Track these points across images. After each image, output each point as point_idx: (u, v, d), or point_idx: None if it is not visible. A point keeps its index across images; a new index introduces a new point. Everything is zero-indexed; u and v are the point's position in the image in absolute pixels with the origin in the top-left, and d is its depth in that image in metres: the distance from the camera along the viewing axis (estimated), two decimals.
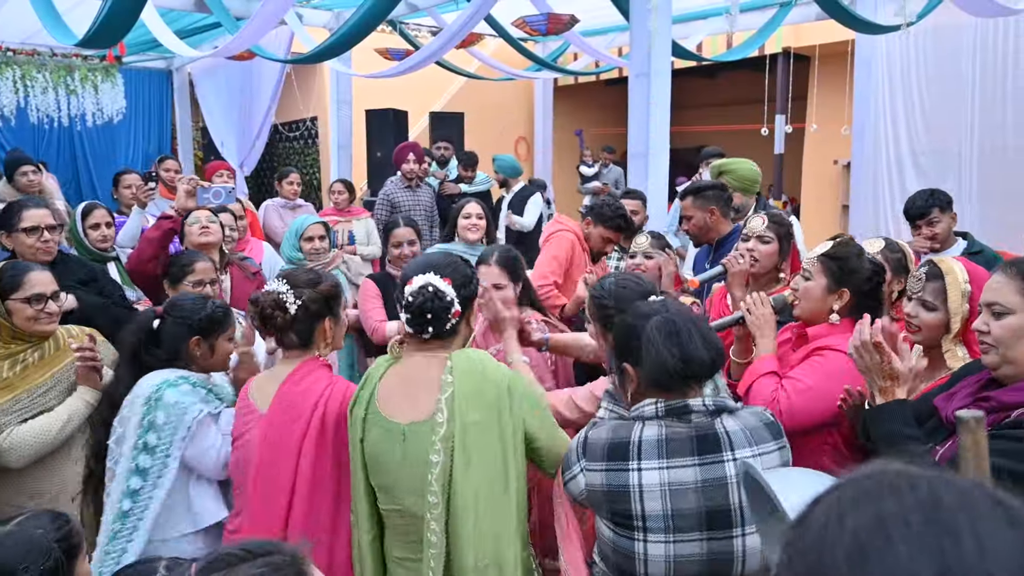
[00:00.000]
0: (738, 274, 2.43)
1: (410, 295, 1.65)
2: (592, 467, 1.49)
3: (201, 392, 2.05)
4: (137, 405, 1.96)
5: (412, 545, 1.64)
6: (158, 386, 1.97)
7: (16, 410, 2.14)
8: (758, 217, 2.52)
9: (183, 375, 2.04)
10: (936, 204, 3.15)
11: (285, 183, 5.45)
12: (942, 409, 1.44)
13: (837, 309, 1.91)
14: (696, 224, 3.17)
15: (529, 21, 5.06)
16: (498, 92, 9.55)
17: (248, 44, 5.09)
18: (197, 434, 1.97)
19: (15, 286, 2.18)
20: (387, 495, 1.67)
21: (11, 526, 1.28)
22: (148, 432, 1.92)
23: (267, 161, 9.74)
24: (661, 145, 4.29)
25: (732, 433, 1.45)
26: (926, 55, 6.30)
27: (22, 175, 4.47)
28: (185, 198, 2.91)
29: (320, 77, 8.76)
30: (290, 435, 1.80)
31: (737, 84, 9.82)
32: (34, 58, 7.85)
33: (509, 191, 6.11)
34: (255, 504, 1.81)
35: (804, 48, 8.03)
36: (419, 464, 1.58)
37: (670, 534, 1.41)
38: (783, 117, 8.10)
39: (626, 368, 1.53)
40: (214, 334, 2.12)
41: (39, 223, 2.77)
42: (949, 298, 1.70)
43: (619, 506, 1.45)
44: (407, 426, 1.63)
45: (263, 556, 0.85)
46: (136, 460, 1.92)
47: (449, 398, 1.59)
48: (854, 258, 1.93)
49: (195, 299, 2.17)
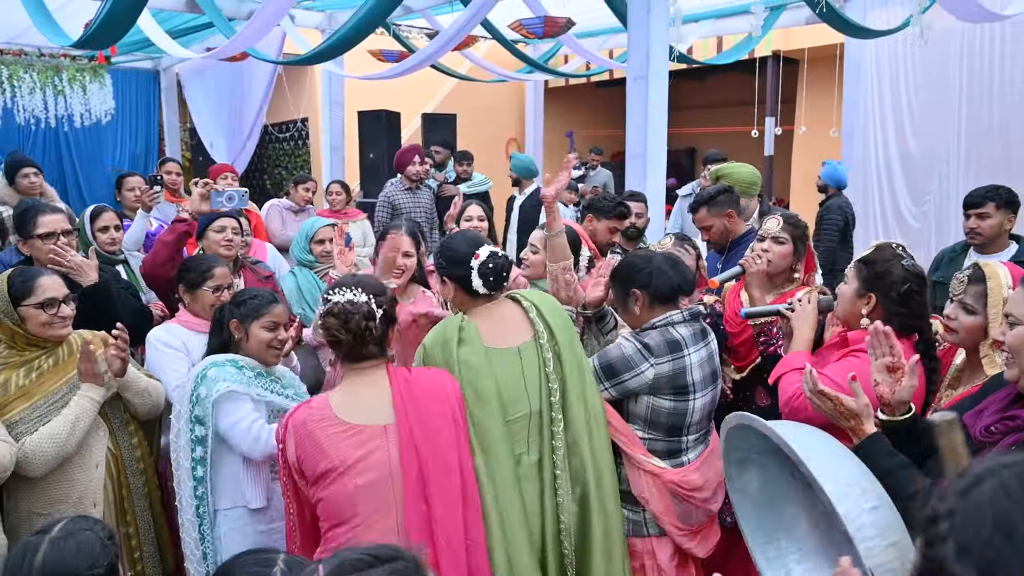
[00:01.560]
0: (756, 274, 2.48)
1: (488, 262, 2.09)
2: (660, 361, 2.13)
3: (248, 374, 2.18)
4: (189, 383, 2.17)
5: (521, 442, 2.04)
6: (206, 365, 2.17)
7: (34, 418, 2.13)
8: (773, 219, 2.57)
9: (233, 358, 2.21)
10: (993, 199, 3.10)
11: (301, 188, 5.43)
12: (971, 426, 1.45)
13: (866, 313, 1.92)
14: (716, 231, 3.22)
15: (526, 24, 5.08)
16: (490, 93, 9.57)
17: (244, 47, 5.06)
18: (223, 406, 2.09)
19: (27, 292, 2.17)
20: (514, 407, 2.03)
21: (59, 531, 1.27)
22: (196, 406, 2.11)
23: (257, 162, 9.69)
24: (659, 147, 4.33)
25: (705, 327, 2.27)
26: (914, 59, 6.40)
27: (23, 177, 4.42)
28: (199, 201, 2.90)
29: (311, 78, 8.73)
30: (446, 435, 1.82)
31: (727, 86, 9.91)
32: (21, 58, 7.76)
33: (522, 192, 6.07)
34: (438, 510, 1.75)
35: (794, 51, 8.12)
36: (534, 373, 2.06)
37: (703, 391, 2.18)
38: (772, 119, 8.18)
39: (635, 292, 2.20)
40: (249, 319, 2.24)
41: (55, 228, 2.77)
42: (989, 303, 1.70)
43: (679, 381, 2.14)
44: (520, 347, 2.08)
45: (389, 562, 0.86)
46: (193, 431, 2.11)
47: (542, 321, 2.10)
48: (884, 263, 1.93)
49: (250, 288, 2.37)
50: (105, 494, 2.24)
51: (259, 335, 2.25)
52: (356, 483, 1.72)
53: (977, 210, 3.13)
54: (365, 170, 7.60)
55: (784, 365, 1.99)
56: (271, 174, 9.89)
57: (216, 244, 3.11)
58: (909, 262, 1.92)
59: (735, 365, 2.63)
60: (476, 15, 4.75)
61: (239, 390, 2.12)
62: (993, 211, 3.12)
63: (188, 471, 2.11)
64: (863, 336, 1.90)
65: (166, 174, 5.22)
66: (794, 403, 1.88)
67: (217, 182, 4.76)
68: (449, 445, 1.81)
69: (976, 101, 6.04)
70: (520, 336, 2.09)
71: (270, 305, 2.28)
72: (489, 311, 2.13)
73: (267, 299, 2.30)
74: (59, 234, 2.76)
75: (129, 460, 2.35)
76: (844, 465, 1.27)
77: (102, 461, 2.25)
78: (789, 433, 1.35)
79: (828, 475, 1.21)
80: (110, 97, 8.53)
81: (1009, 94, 5.84)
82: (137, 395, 2.33)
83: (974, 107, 6.06)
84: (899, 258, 1.92)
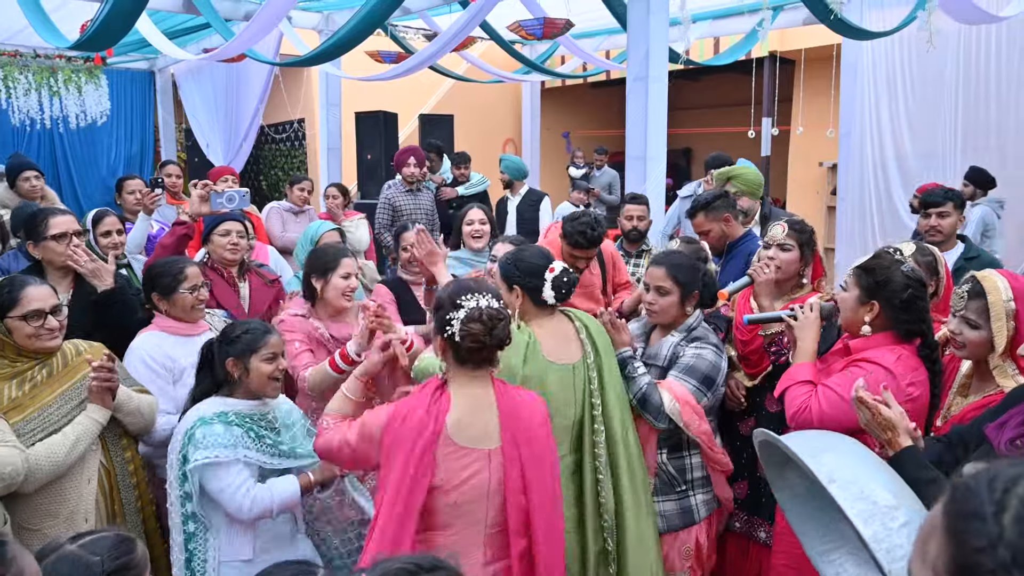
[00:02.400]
0: (765, 283, 2.48)
1: (562, 276, 2.24)
2: (723, 354, 2.37)
3: (236, 432, 2.05)
4: (179, 438, 2.07)
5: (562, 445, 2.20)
6: (194, 422, 2.05)
7: (28, 431, 2.07)
8: (779, 225, 2.56)
9: (222, 411, 2.08)
10: (952, 199, 3.25)
11: (296, 188, 5.41)
12: (993, 439, 1.45)
13: (869, 321, 1.92)
14: (714, 236, 3.23)
15: (525, 25, 5.08)
16: (486, 94, 9.57)
17: (243, 48, 5.05)
18: (207, 474, 2.01)
19: (12, 303, 2.09)
20: (560, 415, 2.18)
21: (75, 546, 1.26)
22: (184, 464, 2.03)
23: (253, 163, 9.66)
24: (658, 149, 4.34)
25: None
26: (911, 60, 6.42)
27: (24, 180, 4.39)
28: (199, 203, 2.88)
29: (308, 79, 8.71)
30: (549, 461, 1.88)
31: (724, 87, 9.93)
32: (16, 59, 7.72)
33: (515, 194, 6.07)
34: (544, 522, 1.82)
35: (790, 52, 8.14)
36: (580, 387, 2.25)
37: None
38: (769, 120, 8.20)
39: (696, 293, 2.38)
40: (247, 354, 2.10)
41: (67, 229, 2.71)
42: (992, 316, 1.71)
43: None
44: (575, 364, 2.26)
45: (430, 571, 0.88)
46: (183, 486, 2.04)
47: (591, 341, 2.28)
48: (884, 269, 1.93)
49: (238, 323, 2.18)
50: (97, 509, 2.19)
51: (261, 369, 2.13)
52: (453, 500, 1.79)
53: (938, 208, 3.24)
54: (362, 171, 7.59)
55: (788, 378, 1.98)
56: (267, 175, 9.87)
57: (221, 248, 3.07)
58: (908, 267, 1.93)
59: (748, 372, 2.63)
60: (475, 17, 4.75)
61: (224, 459, 2.02)
62: (951, 210, 3.25)
63: (179, 526, 2.05)
64: (865, 345, 1.92)
65: (166, 176, 5.20)
66: (800, 417, 1.86)
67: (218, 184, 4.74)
68: (552, 471, 1.89)
69: (972, 101, 6.07)
70: (574, 354, 2.27)
71: (266, 336, 2.16)
72: (550, 323, 2.28)
73: (261, 330, 2.17)
74: (71, 235, 2.71)
75: (122, 475, 2.30)
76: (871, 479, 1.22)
77: (94, 476, 2.19)
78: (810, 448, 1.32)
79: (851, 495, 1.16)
80: (106, 98, 8.51)
81: (1005, 94, 5.87)
82: (129, 415, 2.27)
83: (970, 107, 6.09)
84: (898, 264, 1.93)
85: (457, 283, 1.92)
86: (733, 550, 2.76)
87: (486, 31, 6.15)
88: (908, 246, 2.36)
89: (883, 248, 2.11)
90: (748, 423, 2.70)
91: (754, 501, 2.70)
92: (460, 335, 1.77)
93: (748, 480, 2.72)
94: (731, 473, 2.48)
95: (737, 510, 2.75)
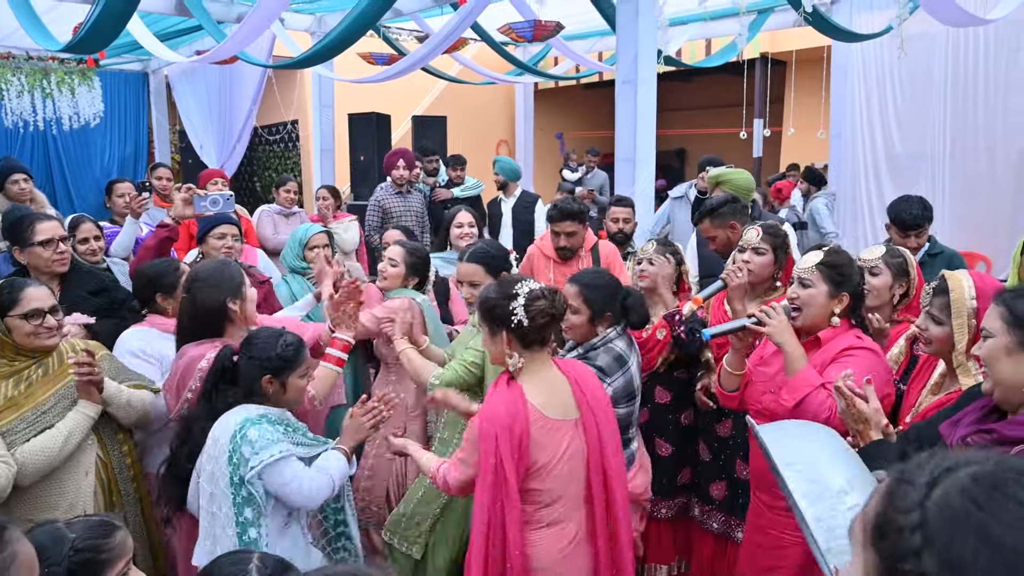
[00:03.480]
0: (738, 288, 2.49)
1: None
2: (614, 378, 2.31)
3: (279, 429, 2.02)
4: (223, 443, 1.95)
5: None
6: (242, 423, 1.96)
7: (22, 429, 2.12)
8: (753, 229, 2.58)
9: (262, 412, 2.03)
10: (928, 218, 3.28)
11: (282, 191, 5.42)
12: (947, 436, 1.47)
13: (838, 312, 2.02)
14: (720, 242, 3.14)
15: (515, 28, 5.11)
16: (480, 95, 9.59)
17: (235, 50, 5.07)
18: (273, 471, 1.94)
19: (12, 303, 2.16)
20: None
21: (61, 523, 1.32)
22: (238, 468, 1.92)
23: (247, 165, 9.67)
24: (647, 152, 4.37)
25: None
26: (900, 61, 6.45)
27: (13, 183, 4.37)
28: (182, 206, 2.89)
29: (301, 80, 8.72)
30: (614, 416, 2.07)
31: (715, 88, 9.96)
32: (9, 61, 7.72)
33: (509, 195, 6.10)
34: (621, 488, 2.02)
35: (781, 53, 8.19)
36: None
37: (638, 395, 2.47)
38: (761, 121, 8.24)
39: (608, 315, 2.38)
40: (285, 372, 2.07)
41: (53, 235, 2.73)
42: (953, 312, 1.74)
43: (631, 387, 2.38)
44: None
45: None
46: (239, 493, 1.93)
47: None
48: (848, 264, 2.06)
49: (268, 337, 2.10)
50: (96, 501, 2.25)
51: (298, 385, 2.09)
52: (564, 471, 1.94)
53: (918, 230, 3.25)
54: (356, 172, 7.61)
55: (798, 387, 1.91)
56: (261, 177, 9.88)
57: (216, 250, 3.10)
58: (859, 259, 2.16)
59: None
60: (466, 19, 4.78)
61: (286, 454, 1.97)
62: (927, 226, 3.29)
63: (233, 539, 1.91)
64: (835, 334, 2.01)
65: (156, 180, 5.20)
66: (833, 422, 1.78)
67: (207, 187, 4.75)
68: (618, 438, 2.07)
69: (961, 101, 6.11)
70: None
71: (302, 352, 2.11)
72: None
73: (296, 346, 2.10)
74: (58, 240, 2.73)
75: (119, 467, 2.35)
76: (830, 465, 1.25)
77: (92, 469, 2.25)
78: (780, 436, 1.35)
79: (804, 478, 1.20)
80: (99, 100, 8.51)
81: (993, 94, 5.91)
82: (120, 409, 2.32)
83: (959, 107, 6.13)
84: (851, 257, 2.11)
85: (496, 283, 2.07)
86: (710, 550, 2.79)
87: (478, 33, 6.18)
88: (877, 249, 2.40)
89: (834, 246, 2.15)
90: (726, 424, 2.73)
91: (731, 502, 2.72)
92: (529, 316, 1.90)
93: (726, 480, 2.75)
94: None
95: (715, 510, 2.78)
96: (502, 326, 1.92)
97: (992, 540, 0.53)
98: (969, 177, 6.10)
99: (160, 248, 2.87)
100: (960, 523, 0.55)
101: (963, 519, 0.55)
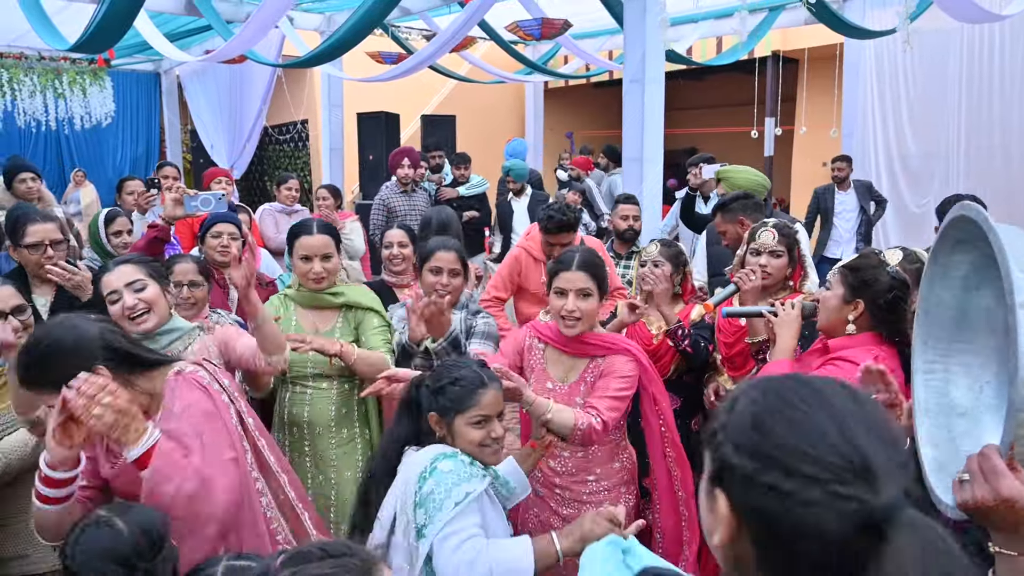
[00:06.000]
0: (752, 291, 2.44)
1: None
2: None
3: (473, 470, 1.65)
4: (412, 479, 1.62)
5: None
6: (435, 457, 1.64)
7: None
8: (768, 231, 2.53)
9: (456, 450, 1.68)
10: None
11: (284, 188, 5.41)
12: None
13: (852, 320, 1.91)
14: (731, 237, 3.17)
15: (523, 26, 5.08)
16: (489, 95, 9.58)
17: (242, 49, 5.08)
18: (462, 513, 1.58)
19: None
20: None
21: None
22: (419, 507, 1.58)
23: (257, 164, 9.71)
24: (655, 151, 4.32)
25: None
26: (913, 58, 6.38)
27: (20, 182, 4.41)
28: (173, 206, 2.85)
29: (311, 80, 8.74)
30: None
31: (726, 87, 9.89)
32: (21, 61, 7.79)
33: (521, 196, 6.13)
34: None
35: (793, 51, 8.10)
36: None
37: None
38: (772, 119, 8.16)
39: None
40: (450, 414, 1.69)
41: (42, 239, 2.67)
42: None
43: None
44: None
45: (335, 557, 0.90)
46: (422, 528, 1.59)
47: None
48: (870, 269, 1.92)
49: (449, 361, 1.85)
50: None
51: (467, 435, 1.67)
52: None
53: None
54: (364, 172, 7.61)
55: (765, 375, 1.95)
56: (271, 176, 9.91)
57: (212, 249, 3.10)
58: (893, 269, 1.93)
59: (732, 375, 2.61)
60: (473, 16, 4.76)
61: (477, 497, 1.60)
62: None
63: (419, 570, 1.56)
64: (845, 344, 1.90)
65: (163, 178, 5.22)
66: None
67: (211, 186, 4.76)
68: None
69: (975, 98, 6.02)
70: None
71: (477, 393, 1.68)
72: None
73: (472, 383, 1.69)
74: (47, 245, 2.67)
75: None
76: None
77: None
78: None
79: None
80: (110, 100, 8.58)
81: (1008, 90, 5.82)
82: None
83: (973, 104, 6.04)
84: (884, 265, 1.93)
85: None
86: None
87: (486, 32, 6.16)
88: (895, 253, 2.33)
89: (869, 250, 2.10)
90: (697, 420, 2.76)
91: None
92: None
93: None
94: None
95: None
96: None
97: (764, 428, 0.73)
98: (984, 174, 6.00)
99: (149, 248, 2.83)
100: (744, 417, 0.76)
101: (746, 416, 0.76)
